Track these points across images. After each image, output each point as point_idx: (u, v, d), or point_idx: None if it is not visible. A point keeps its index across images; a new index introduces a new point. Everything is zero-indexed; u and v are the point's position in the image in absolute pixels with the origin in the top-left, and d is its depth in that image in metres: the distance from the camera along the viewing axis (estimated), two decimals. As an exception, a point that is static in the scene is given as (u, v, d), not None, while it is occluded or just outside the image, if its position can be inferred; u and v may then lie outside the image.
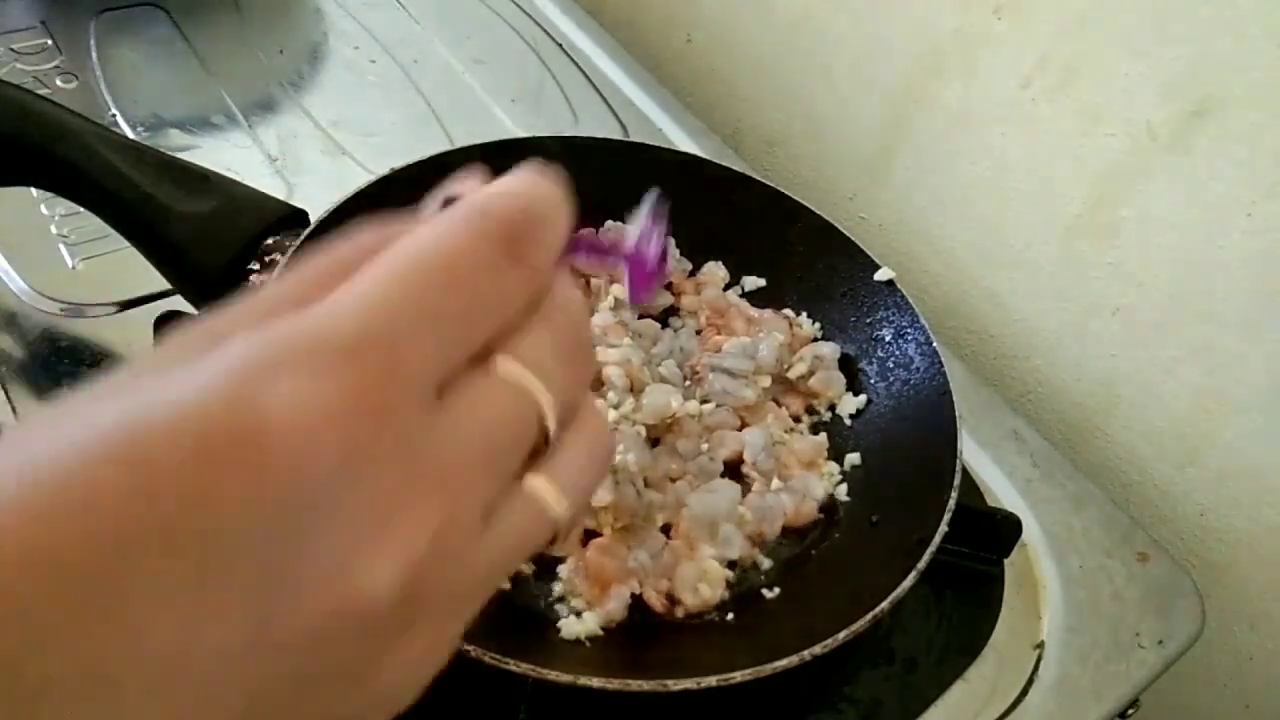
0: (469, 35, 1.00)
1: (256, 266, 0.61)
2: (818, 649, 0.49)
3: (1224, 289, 0.70)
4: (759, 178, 0.76)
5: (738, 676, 0.48)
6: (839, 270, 0.72)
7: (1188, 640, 0.66)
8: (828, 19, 0.91)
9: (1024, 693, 0.61)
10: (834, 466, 0.66)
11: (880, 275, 0.70)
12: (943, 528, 0.55)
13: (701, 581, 0.57)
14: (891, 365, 0.69)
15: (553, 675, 0.47)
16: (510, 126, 0.90)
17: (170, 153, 0.63)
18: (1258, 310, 0.69)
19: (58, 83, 0.84)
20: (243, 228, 0.62)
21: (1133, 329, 0.77)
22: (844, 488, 0.65)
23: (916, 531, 0.56)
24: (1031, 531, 0.69)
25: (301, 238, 0.62)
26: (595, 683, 0.47)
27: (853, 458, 0.66)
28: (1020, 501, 0.71)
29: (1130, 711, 0.63)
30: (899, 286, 0.70)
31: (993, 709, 0.60)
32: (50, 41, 0.87)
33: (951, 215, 0.87)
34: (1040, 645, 0.64)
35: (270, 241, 0.62)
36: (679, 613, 0.57)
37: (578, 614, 0.56)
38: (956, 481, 0.57)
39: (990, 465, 0.73)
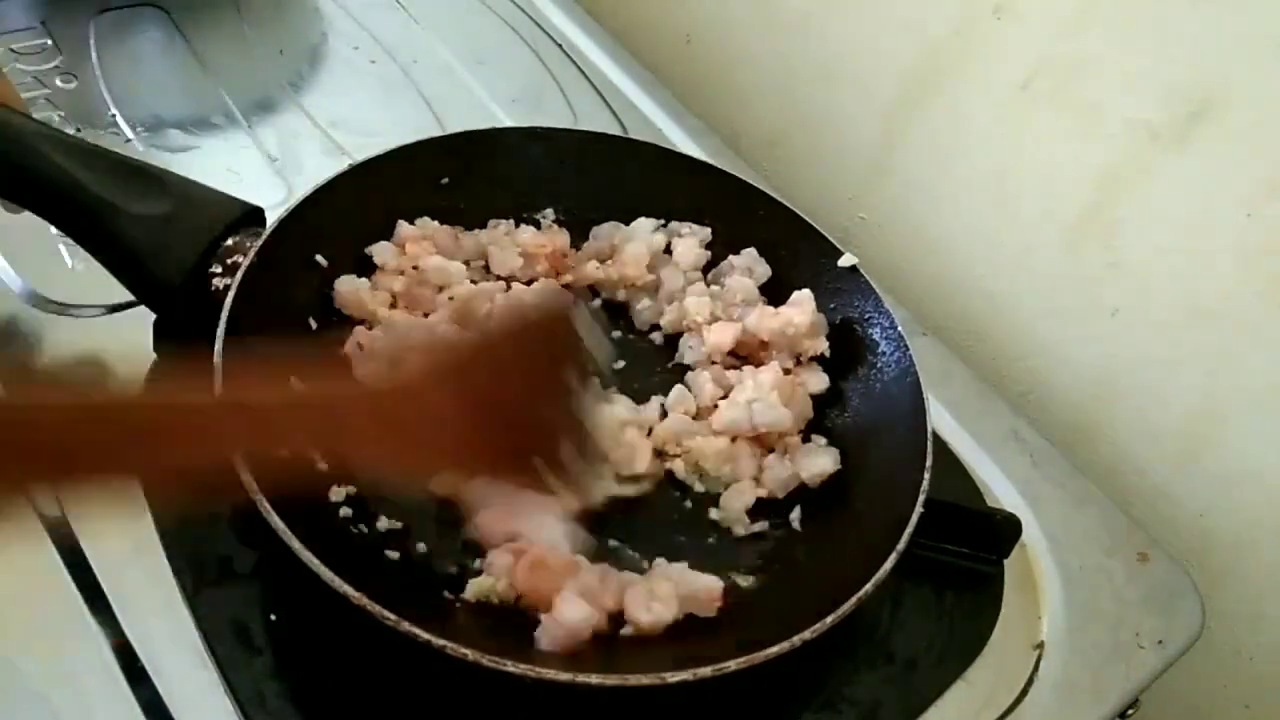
0: (469, 35, 1.00)
1: (219, 270, 0.60)
2: (808, 634, 0.49)
3: (1224, 289, 0.70)
4: (727, 165, 0.76)
5: (732, 665, 0.48)
6: (802, 256, 0.72)
7: (1188, 640, 0.66)
8: (827, 20, 0.91)
9: (1024, 693, 0.61)
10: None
11: (844, 261, 0.70)
12: (919, 507, 0.55)
13: (654, 600, 0.55)
14: (858, 350, 0.69)
15: (550, 674, 0.47)
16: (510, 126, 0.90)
17: (164, 149, 0.62)
18: (1258, 310, 0.69)
19: (58, 83, 0.83)
20: (200, 230, 0.60)
21: (1133, 329, 0.77)
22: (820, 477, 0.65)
23: (894, 513, 0.56)
24: (1031, 531, 0.69)
25: (262, 239, 0.60)
26: (594, 679, 0.47)
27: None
28: (1020, 501, 0.71)
29: (1130, 711, 0.63)
30: (862, 272, 0.69)
31: (993, 709, 0.60)
32: (50, 41, 0.87)
33: (951, 216, 0.87)
34: (1040, 645, 0.64)
35: (230, 243, 0.60)
36: (626, 631, 0.55)
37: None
38: (928, 463, 0.58)
39: (990, 465, 0.73)
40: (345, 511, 0.57)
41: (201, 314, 0.58)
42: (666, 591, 0.56)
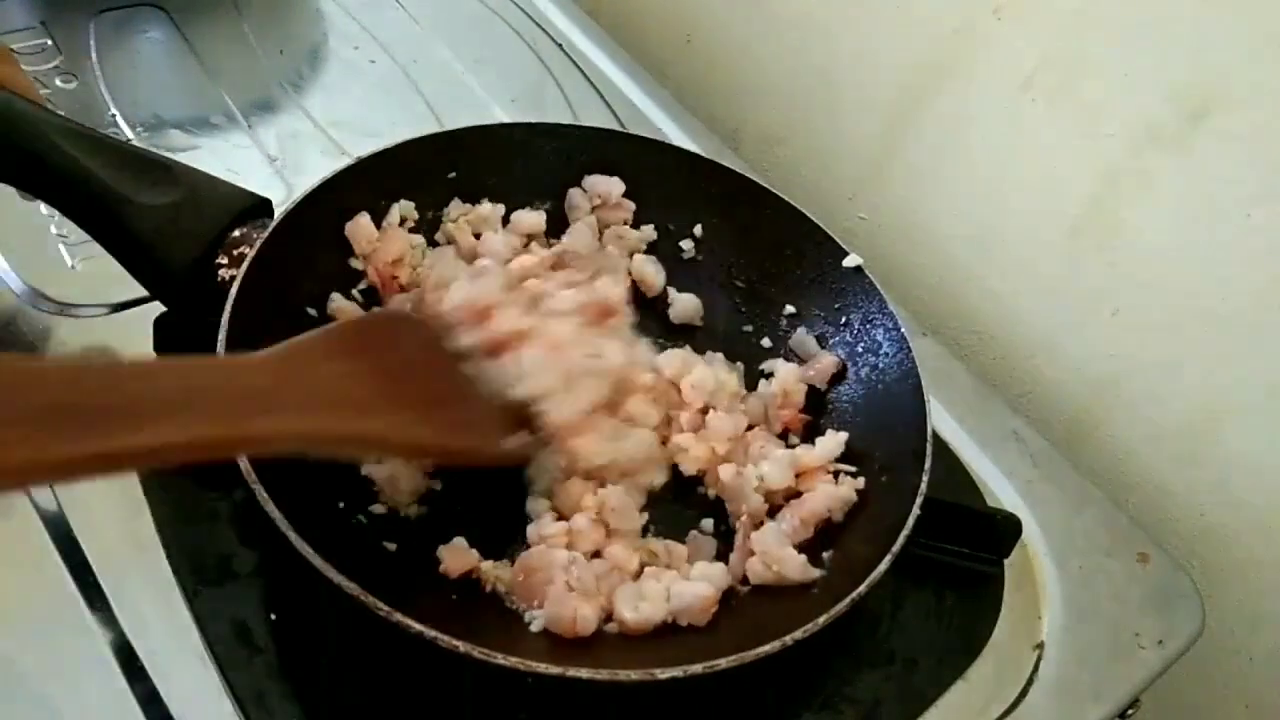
0: (469, 35, 1.00)
1: (225, 261, 0.60)
2: (799, 634, 0.49)
3: (1224, 289, 0.70)
4: (728, 164, 0.76)
5: (723, 663, 0.48)
6: (807, 256, 0.72)
7: (1188, 640, 0.66)
8: (827, 19, 0.91)
9: (1024, 693, 0.61)
10: None
11: (848, 261, 0.70)
12: (915, 510, 0.55)
13: (642, 600, 0.55)
14: (860, 350, 0.69)
15: (541, 668, 0.47)
16: (510, 126, 0.91)
17: (164, 149, 0.62)
18: (1258, 310, 0.69)
19: (58, 83, 0.84)
20: (208, 220, 0.61)
21: (1133, 329, 0.77)
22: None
23: (892, 514, 0.56)
24: (1031, 531, 0.69)
25: (269, 230, 0.60)
26: (584, 673, 0.47)
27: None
28: (1020, 501, 0.71)
29: (1130, 711, 0.63)
30: (866, 272, 0.69)
31: (993, 709, 0.60)
32: (50, 41, 0.87)
33: (951, 216, 0.87)
34: (1040, 645, 0.64)
35: (237, 234, 0.61)
36: (612, 629, 0.55)
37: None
38: (927, 465, 0.58)
39: (990, 465, 0.73)
40: (342, 503, 0.57)
41: (206, 304, 0.58)
42: (655, 591, 0.56)
